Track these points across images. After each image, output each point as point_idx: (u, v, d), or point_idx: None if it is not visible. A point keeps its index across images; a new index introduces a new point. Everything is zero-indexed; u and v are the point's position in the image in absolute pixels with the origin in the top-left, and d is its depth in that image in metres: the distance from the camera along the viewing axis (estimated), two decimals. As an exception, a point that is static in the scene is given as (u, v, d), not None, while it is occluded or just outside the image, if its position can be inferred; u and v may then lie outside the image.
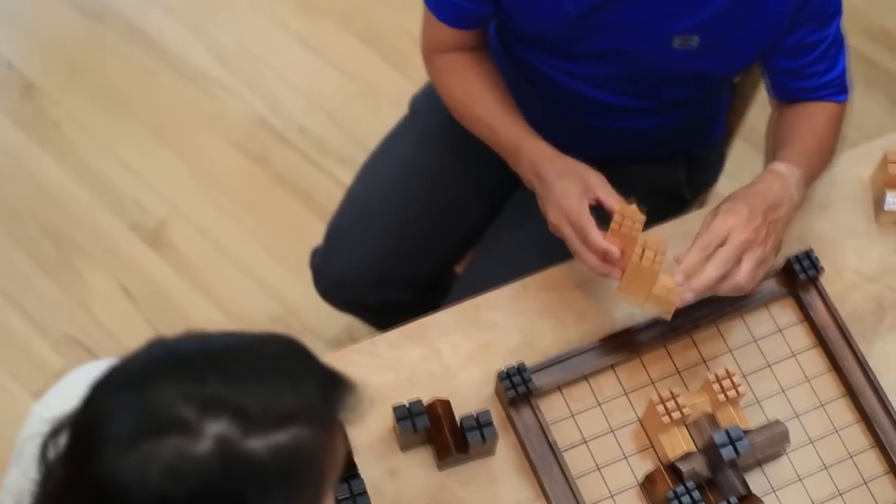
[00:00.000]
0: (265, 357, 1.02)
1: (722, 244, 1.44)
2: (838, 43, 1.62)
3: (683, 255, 1.45)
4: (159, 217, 2.58)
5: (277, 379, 1.00)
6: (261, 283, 2.51)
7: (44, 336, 2.44)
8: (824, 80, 1.63)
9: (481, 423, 1.45)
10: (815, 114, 1.64)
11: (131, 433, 0.94)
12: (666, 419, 1.45)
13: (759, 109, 1.87)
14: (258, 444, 0.95)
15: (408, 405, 1.46)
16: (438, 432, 1.47)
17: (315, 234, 1.95)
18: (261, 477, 0.95)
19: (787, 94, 1.67)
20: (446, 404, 1.49)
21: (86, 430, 0.99)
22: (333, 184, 2.56)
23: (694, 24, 1.52)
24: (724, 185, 2.07)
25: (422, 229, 1.86)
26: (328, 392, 1.04)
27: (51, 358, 2.40)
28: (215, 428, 0.94)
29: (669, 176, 1.85)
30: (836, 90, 1.65)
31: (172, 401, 0.95)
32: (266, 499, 0.96)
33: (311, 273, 1.95)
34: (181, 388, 0.96)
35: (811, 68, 1.62)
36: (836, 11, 1.59)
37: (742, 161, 2.32)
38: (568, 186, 1.52)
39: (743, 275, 1.44)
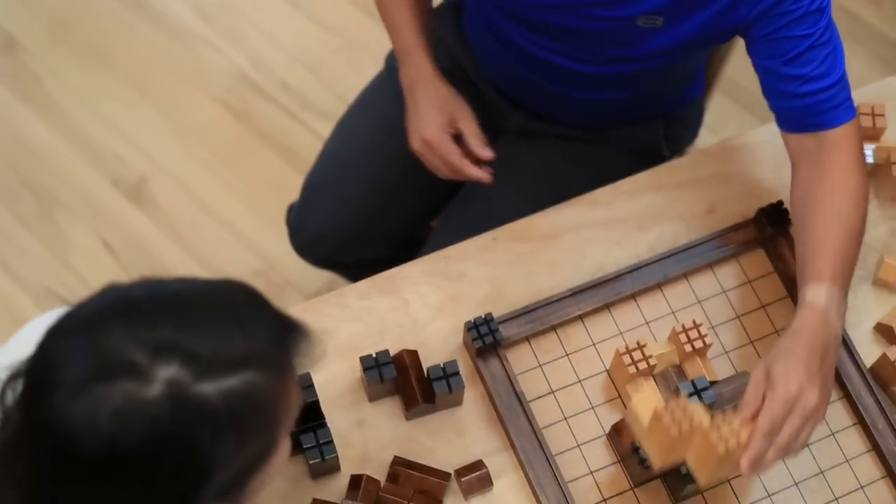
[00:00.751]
0: (218, 302, 1.02)
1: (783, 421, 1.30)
2: (825, 45, 1.45)
3: (747, 445, 1.28)
4: (140, 172, 2.58)
5: (229, 324, 1.00)
6: (241, 237, 2.50)
7: (25, 290, 2.44)
8: (813, 88, 1.46)
9: (448, 373, 1.45)
10: (835, 187, 1.45)
11: (82, 377, 0.94)
12: (632, 369, 1.45)
13: (738, 60, 1.85)
14: (209, 388, 0.95)
15: (375, 355, 1.46)
16: (405, 382, 1.48)
17: (296, 189, 1.94)
18: (212, 421, 0.95)
19: (782, 113, 1.51)
20: (413, 354, 1.49)
21: (38, 374, 0.99)
22: (315, 139, 2.55)
23: (657, 6, 1.48)
24: (704, 138, 2.06)
25: (396, 185, 1.85)
26: (281, 338, 1.04)
27: (31, 312, 2.40)
28: (166, 372, 0.94)
29: (648, 135, 1.84)
30: (831, 104, 1.47)
31: (123, 345, 0.95)
32: (217, 443, 0.96)
33: (286, 230, 1.94)
34: (132, 333, 0.96)
35: (789, 69, 1.46)
36: (817, 10, 1.43)
37: (722, 114, 2.31)
38: (432, 116, 1.61)
39: (802, 441, 1.32)
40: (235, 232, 2.51)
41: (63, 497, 0.98)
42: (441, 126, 1.60)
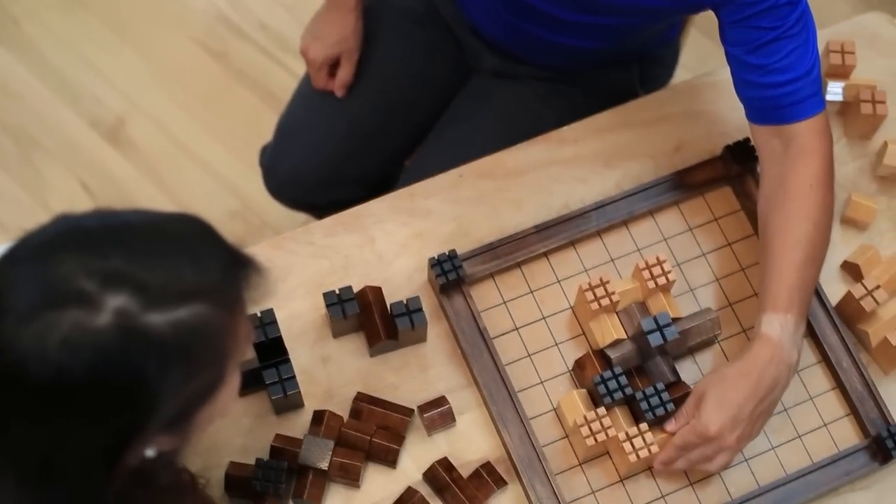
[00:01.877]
0: (170, 234, 1.01)
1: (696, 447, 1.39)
2: (794, 38, 1.43)
3: (664, 454, 1.42)
4: (118, 113, 2.56)
5: (181, 256, 0.99)
6: (219, 178, 2.50)
7: (3, 232, 2.43)
8: (777, 79, 1.44)
9: (410, 310, 1.45)
10: (797, 206, 1.44)
11: (31, 304, 0.94)
12: (595, 306, 1.45)
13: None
14: (158, 319, 0.95)
15: (338, 292, 1.46)
16: (368, 318, 1.47)
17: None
18: (159, 351, 0.95)
19: (747, 103, 1.50)
20: (377, 291, 1.49)
21: None
22: (293, 79, 2.52)
23: None
24: (680, 78, 2.04)
25: (370, 127, 1.85)
26: (232, 271, 1.04)
27: (9, 253, 2.39)
28: (115, 302, 0.93)
29: (623, 77, 1.83)
30: (795, 97, 1.45)
31: (73, 274, 0.94)
32: (165, 373, 0.96)
33: (260, 171, 1.94)
34: (83, 262, 0.95)
35: (753, 58, 1.44)
36: (787, 3, 1.41)
37: (701, 55, 2.29)
38: (325, 44, 1.80)
39: (715, 467, 1.41)
40: (213, 173, 2.50)
41: (11, 426, 0.98)
42: (327, 58, 1.80)
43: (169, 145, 2.53)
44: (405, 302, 1.46)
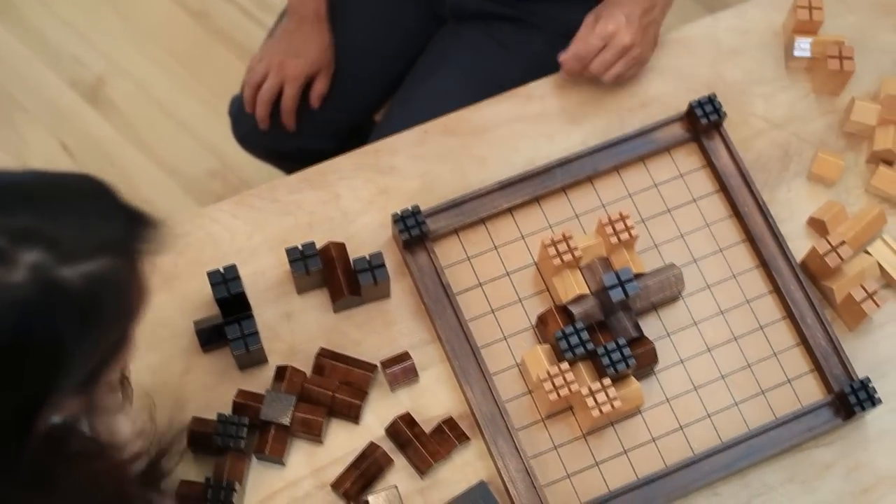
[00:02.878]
0: (70, 192, 1.02)
1: (603, 48, 1.56)
2: None
3: (568, 65, 1.60)
4: (98, 73, 2.56)
5: (84, 212, 1.00)
6: (199, 138, 2.49)
7: (-18, 192, 2.43)
8: None
9: (373, 265, 1.45)
10: None
11: None
12: (557, 261, 1.45)
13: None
14: (72, 273, 0.95)
15: (301, 247, 1.46)
16: (332, 274, 1.48)
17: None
18: (75, 306, 0.95)
19: None
20: (340, 247, 1.49)
21: None
22: (272, 39, 2.52)
23: None
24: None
25: (339, 75, 1.84)
26: (132, 225, 1.04)
27: (-11, 213, 2.39)
28: (29, 257, 0.93)
29: (582, 15, 1.80)
30: None
31: None
32: (80, 330, 0.96)
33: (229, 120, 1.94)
34: None
35: None
36: None
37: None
38: (306, 62, 1.79)
39: (610, 76, 1.58)
40: (193, 133, 2.49)
41: None
42: (309, 75, 1.82)
43: (149, 105, 2.52)
44: (367, 258, 1.46)
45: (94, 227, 0.99)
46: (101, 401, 1.08)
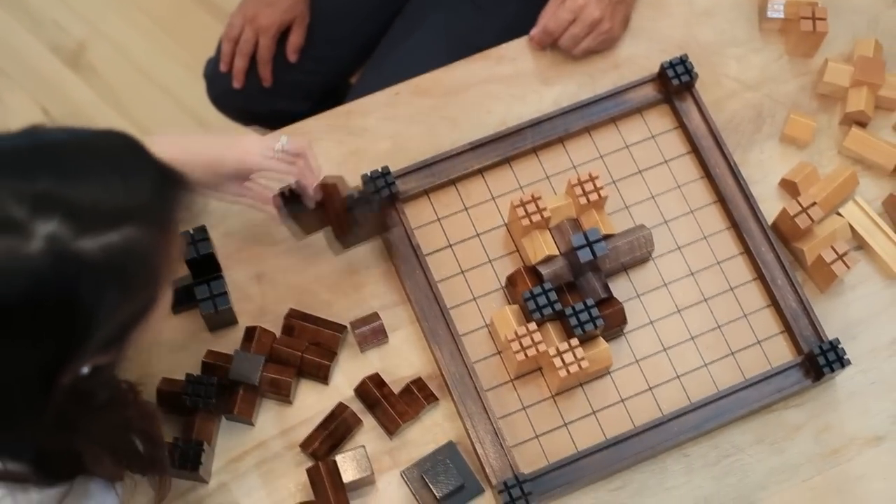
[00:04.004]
0: (100, 152, 1.01)
1: (572, 21, 1.56)
2: None
3: (539, 37, 1.61)
4: (79, 38, 2.55)
5: (111, 174, 0.99)
6: (181, 103, 2.49)
7: (-37, 157, 2.43)
8: None
9: (365, 199, 1.42)
10: None
11: None
12: (526, 222, 1.44)
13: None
14: (90, 244, 0.95)
15: (289, 189, 1.40)
16: (331, 209, 1.41)
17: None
18: (92, 275, 0.96)
19: None
20: (333, 187, 1.41)
21: None
22: (254, 4, 2.51)
23: None
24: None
25: (313, 37, 1.83)
26: (163, 190, 1.04)
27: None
28: (46, 228, 0.93)
29: None
30: None
31: (2, 200, 0.94)
32: (99, 296, 0.97)
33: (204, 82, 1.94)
34: (12, 187, 0.95)
35: None
36: None
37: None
38: (277, 10, 1.79)
39: (580, 50, 1.59)
40: (175, 98, 2.49)
41: None
42: (282, 24, 1.80)
43: (130, 70, 2.51)
44: (356, 194, 1.42)
45: (119, 192, 0.98)
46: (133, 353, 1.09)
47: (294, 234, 1.44)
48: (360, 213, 1.42)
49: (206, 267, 1.45)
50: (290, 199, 1.39)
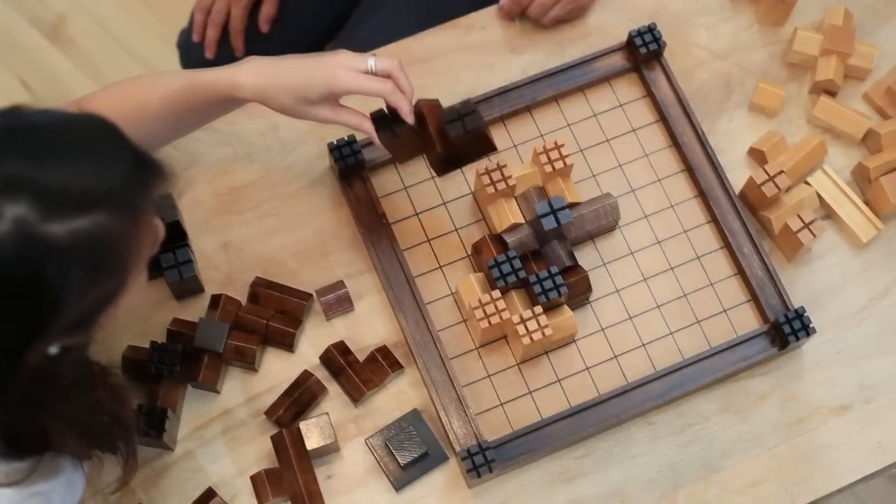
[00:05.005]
0: (73, 137, 1.01)
1: None
2: None
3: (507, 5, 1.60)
4: (59, 11, 2.54)
5: (83, 158, 0.99)
6: (159, 76, 2.48)
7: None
8: None
9: (462, 113, 1.33)
10: None
11: None
12: (491, 190, 1.44)
13: None
14: (58, 228, 0.95)
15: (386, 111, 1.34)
16: (424, 132, 1.35)
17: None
18: (59, 260, 0.96)
19: None
20: (432, 106, 1.35)
21: None
22: (233, -24, 2.50)
23: None
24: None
25: (285, 7, 1.83)
26: (136, 176, 1.03)
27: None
28: (13, 211, 0.93)
29: None
30: None
31: None
32: (66, 281, 0.97)
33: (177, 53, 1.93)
34: None
35: None
36: None
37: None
38: None
39: (549, 19, 1.58)
40: (153, 69, 2.48)
41: None
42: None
43: (110, 43, 2.51)
44: (457, 106, 1.33)
45: (91, 177, 0.98)
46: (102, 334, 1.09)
47: (394, 158, 1.42)
48: (456, 134, 1.32)
49: (172, 235, 1.45)
50: (384, 121, 1.34)
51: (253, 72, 1.31)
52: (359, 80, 1.30)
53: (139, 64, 2.48)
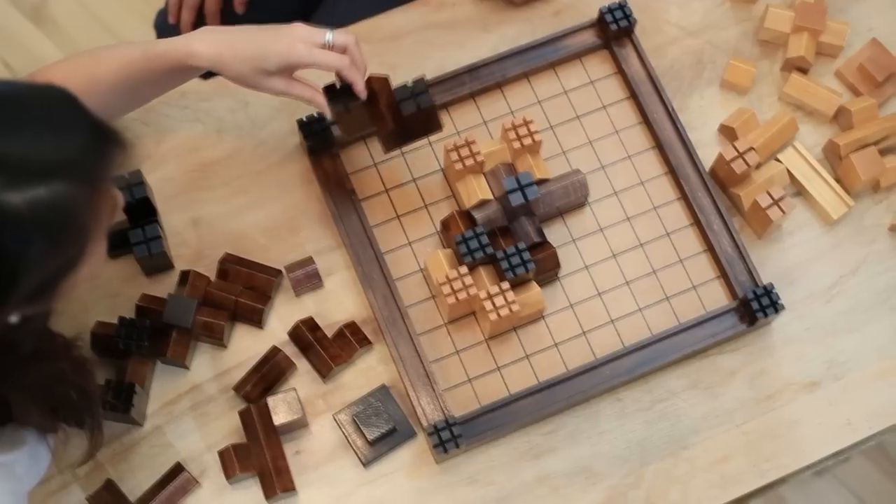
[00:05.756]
0: (33, 107, 1.01)
1: None
2: None
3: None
4: (41, -8, 2.55)
5: (42, 130, 0.99)
6: (141, 57, 2.48)
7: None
8: None
9: (415, 92, 1.38)
10: None
11: None
12: (459, 166, 1.44)
13: None
14: (16, 197, 0.95)
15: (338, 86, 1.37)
16: (376, 109, 1.39)
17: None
18: (17, 229, 0.96)
19: None
20: (383, 80, 1.39)
21: None
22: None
23: None
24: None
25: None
26: (95, 145, 1.03)
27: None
28: None
29: None
30: None
31: None
32: (24, 251, 0.97)
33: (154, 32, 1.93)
34: None
35: None
36: None
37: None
38: None
39: None
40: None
41: None
42: None
43: (91, 24, 2.51)
44: (410, 84, 1.38)
45: (50, 147, 0.98)
46: (64, 304, 1.09)
47: (343, 132, 1.43)
48: (409, 112, 1.37)
49: (141, 211, 1.45)
50: (337, 96, 1.36)
51: (209, 40, 1.31)
52: (316, 53, 1.31)
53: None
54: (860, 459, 2.30)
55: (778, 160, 1.54)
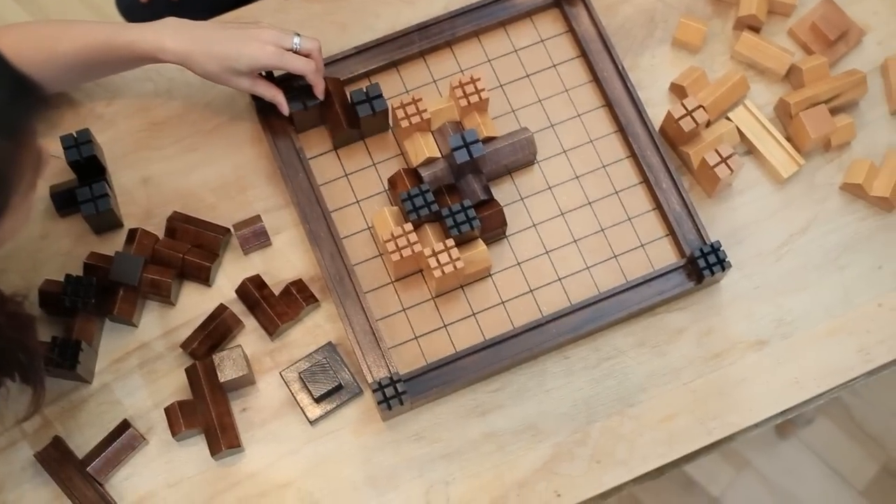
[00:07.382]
0: None
1: None
2: None
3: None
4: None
5: None
6: (99, 12, 2.48)
7: None
8: None
9: (370, 96, 1.47)
10: None
11: None
12: (405, 123, 1.44)
13: None
14: None
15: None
16: (330, 110, 1.48)
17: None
18: None
19: None
20: (336, 81, 1.49)
21: None
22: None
23: None
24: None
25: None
26: (16, 99, 1.03)
27: None
28: None
29: None
30: None
31: None
32: None
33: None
34: None
35: None
36: None
37: None
38: None
39: None
40: (94, 8, 2.48)
41: None
42: None
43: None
44: (365, 90, 1.46)
45: None
46: None
47: (298, 127, 1.50)
48: (366, 115, 1.46)
49: (89, 170, 1.46)
50: (296, 95, 1.46)
51: (179, 37, 1.36)
52: (285, 58, 1.40)
53: (88, 9, 2.48)
54: (825, 422, 2.31)
55: (728, 119, 1.54)
